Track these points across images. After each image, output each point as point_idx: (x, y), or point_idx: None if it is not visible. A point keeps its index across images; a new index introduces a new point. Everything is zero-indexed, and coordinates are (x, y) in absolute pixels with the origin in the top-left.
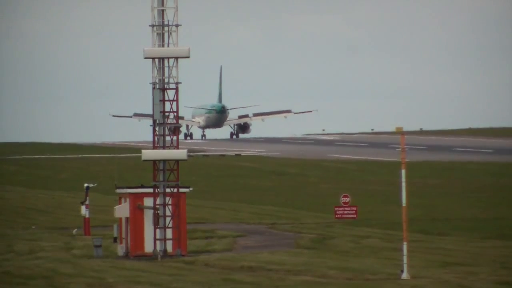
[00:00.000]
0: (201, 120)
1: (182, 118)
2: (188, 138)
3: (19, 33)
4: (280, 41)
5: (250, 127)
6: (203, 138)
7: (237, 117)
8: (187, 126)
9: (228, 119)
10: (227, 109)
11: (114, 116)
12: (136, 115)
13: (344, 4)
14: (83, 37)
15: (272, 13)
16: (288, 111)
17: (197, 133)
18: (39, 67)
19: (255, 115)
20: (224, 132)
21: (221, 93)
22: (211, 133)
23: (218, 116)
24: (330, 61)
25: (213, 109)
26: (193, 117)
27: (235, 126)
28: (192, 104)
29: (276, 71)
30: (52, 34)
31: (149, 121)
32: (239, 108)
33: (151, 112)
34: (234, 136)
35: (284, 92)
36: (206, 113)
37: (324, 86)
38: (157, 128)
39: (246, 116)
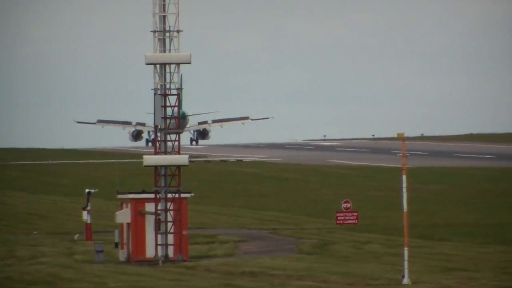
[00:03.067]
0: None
1: (144, 124)
2: (150, 144)
3: (19, 38)
4: (279, 46)
5: (209, 134)
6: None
7: (196, 124)
8: (149, 132)
9: (188, 125)
10: (187, 116)
11: (78, 122)
12: (99, 121)
13: (345, 8)
14: (84, 42)
15: (271, 18)
16: (246, 118)
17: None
18: (38, 71)
19: (214, 121)
20: (183, 138)
21: (182, 99)
22: None
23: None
24: (331, 66)
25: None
26: None
27: (195, 132)
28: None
29: (276, 75)
30: (51, 39)
31: (113, 128)
32: (199, 114)
33: (115, 119)
34: (194, 142)
35: (284, 97)
36: None
37: (325, 91)
38: (133, 133)
39: (206, 122)
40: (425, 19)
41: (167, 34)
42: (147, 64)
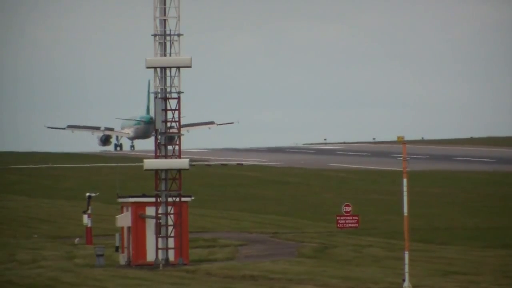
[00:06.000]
0: (130, 131)
1: (112, 129)
2: (118, 148)
3: (19, 41)
4: (280, 49)
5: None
6: (132, 148)
7: None
8: (117, 137)
9: None
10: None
11: (48, 127)
12: (69, 126)
13: (346, 13)
14: (84, 46)
15: (272, 22)
16: (212, 123)
17: (126, 144)
18: (37, 74)
19: (181, 126)
20: (152, 142)
21: (149, 105)
22: (140, 144)
23: (146, 127)
24: (331, 70)
25: (142, 121)
26: (123, 128)
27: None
28: (122, 116)
29: (277, 79)
30: (51, 42)
31: (83, 133)
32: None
33: (85, 124)
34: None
35: (285, 101)
36: (135, 124)
37: (326, 95)
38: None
39: (172, 127)
40: (426, 23)
41: (168, 37)
42: (148, 67)
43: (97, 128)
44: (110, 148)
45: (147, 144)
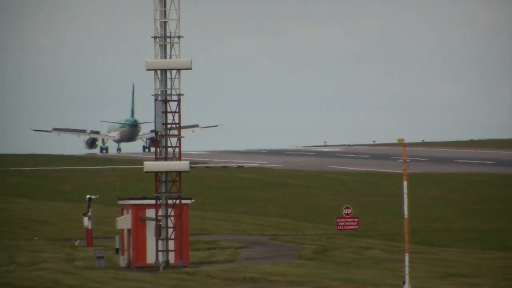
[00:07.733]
0: (116, 134)
1: (98, 132)
2: (104, 151)
3: (21, 44)
4: (280, 52)
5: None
6: (118, 151)
7: (149, 131)
8: (103, 140)
9: (140, 133)
10: (139, 124)
11: (34, 130)
12: (55, 129)
13: (346, 15)
14: (85, 48)
15: (272, 24)
16: (196, 126)
17: (112, 147)
18: (39, 76)
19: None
20: (137, 145)
21: (134, 108)
22: (126, 147)
23: (131, 130)
24: (331, 72)
25: (127, 124)
26: (109, 131)
27: (147, 140)
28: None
29: (277, 82)
30: (52, 45)
31: (68, 136)
32: (151, 122)
33: (70, 127)
34: (147, 150)
35: (285, 103)
36: (120, 127)
37: (326, 97)
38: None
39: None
40: (426, 25)
41: (168, 40)
42: (148, 70)
43: (83, 131)
44: (96, 151)
45: (134, 147)
